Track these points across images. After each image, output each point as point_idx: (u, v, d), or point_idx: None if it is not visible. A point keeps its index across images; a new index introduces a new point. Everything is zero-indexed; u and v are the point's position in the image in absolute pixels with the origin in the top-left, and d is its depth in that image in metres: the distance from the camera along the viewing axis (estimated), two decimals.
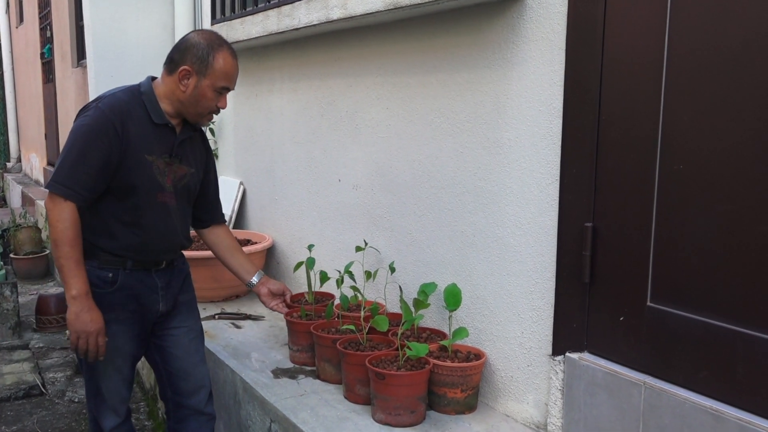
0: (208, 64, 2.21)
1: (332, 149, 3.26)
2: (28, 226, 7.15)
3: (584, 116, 2.02)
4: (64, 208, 2.16)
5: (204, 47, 2.22)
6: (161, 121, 2.28)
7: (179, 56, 2.25)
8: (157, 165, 2.27)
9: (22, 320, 5.24)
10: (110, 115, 2.18)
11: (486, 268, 2.42)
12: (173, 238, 2.37)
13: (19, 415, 3.86)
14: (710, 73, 1.73)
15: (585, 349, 2.10)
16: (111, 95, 2.25)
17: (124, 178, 2.21)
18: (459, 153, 2.50)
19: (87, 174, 2.16)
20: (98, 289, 2.26)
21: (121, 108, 2.21)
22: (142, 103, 2.26)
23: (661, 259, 1.87)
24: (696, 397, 1.77)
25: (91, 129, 2.17)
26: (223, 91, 2.28)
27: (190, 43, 2.25)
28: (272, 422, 2.47)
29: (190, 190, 2.41)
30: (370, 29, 2.92)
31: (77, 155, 2.17)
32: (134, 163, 2.21)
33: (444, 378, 2.33)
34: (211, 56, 2.21)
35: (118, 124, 2.18)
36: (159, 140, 2.28)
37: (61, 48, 7.56)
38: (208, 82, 2.23)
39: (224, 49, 2.26)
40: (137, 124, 2.22)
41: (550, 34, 2.11)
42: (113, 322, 2.29)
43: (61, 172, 2.17)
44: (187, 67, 2.22)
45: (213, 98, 2.26)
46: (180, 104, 2.28)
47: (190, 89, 2.24)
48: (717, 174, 1.73)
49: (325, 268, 3.11)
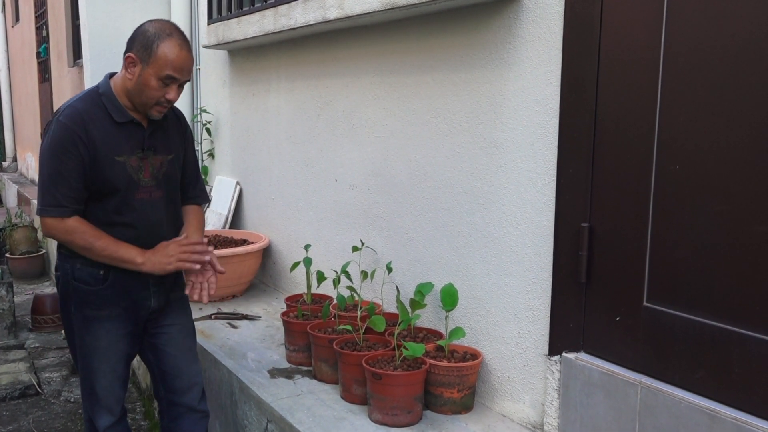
0: (151, 52, 2.16)
1: (329, 149, 3.26)
2: (23, 226, 7.13)
3: (581, 116, 2.02)
4: (67, 224, 2.20)
5: (151, 35, 2.17)
6: (124, 119, 2.25)
7: (129, 44, 2.23)
8: (130, 164, 2.25)
9: (17, 320, 5.23)
10: (71, 125, 2.17)
11: (483, 268, 2.42)
12: (160, 231, 2.35)
13: (14, 415, 3.86)
14: (706, 73, 1.74)
15: (581, 349, 2.10)
16: (68, 106, 2.23)
17: (97, 182, 2.21)
18: (456, 153, 2.50)
19: (69, 188, 2.18)
20: (90, 286, 2.28)
21: (81, 116, 2.19)
22: (102, 104, 2.24)
23: (657, 259, 1.87)
24: (692, 397, 1.77)
25: (57, 144, 2.17)
26: (168, 81, 2.20)
27: (140, 31, 2.22)
28: (269, 422, 2.47)
29: (172, 176, 2.39)
30: (367, 29, 2.92)
31: (54, 174, 2.18)
32: (104, 166, 2.20)
33: (440, 378, 2.33)
34: (155, 44, 2.16)
35: (81, 132, 2.17)
36: (127, 139, 2.26)
37: (57, 47, 7.54)
38: (151, 70, 2.17)
39: (172, 38, 2.19)
40: (100, 127, 2.20)
41: (547, 34, 2.11)
42: (106, 319, 2.30)
43: (47, 196, 2.19)
44: (132, 55, 2.19)
45: (157, 88, 2.19)
46: (129, 94, 2.24)
47: (135, 77, 2.20)
48: (713, 174, 1.74)
49: (321, 268, 3.11)
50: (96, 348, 2.32)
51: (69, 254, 2.31)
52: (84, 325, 2.32)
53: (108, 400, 2.38)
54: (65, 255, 2.33)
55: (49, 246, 7.07)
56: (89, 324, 2.31)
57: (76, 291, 2.30)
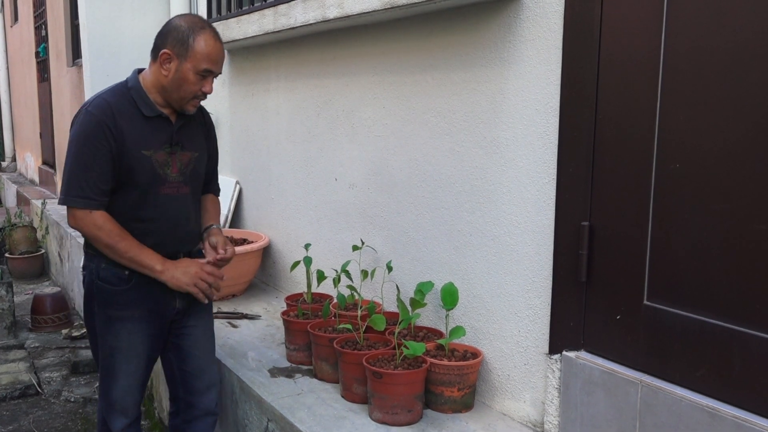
0: (188, 47, 2.16)
1: (328, 148, 3.26)
2: (23, 226, 7.13)
3: (581, 115, 2.02)
4: (94, 218, 2.18)
5: (185, 29, 2.18)
6: (153, 114, 2.25)
7: (161, 41, 2.22)
8: (156, 158, 2.25)
9: (17, 320, 5.23)
10: (100, 115, 2.17)
11: (483, 267, 2.42)
12: (187, 227, 2.36)
13: (14, 415, 3.86)
14: (706, 72, 1.74)
15: (582, 347, 2.10)
16: (97, 97, 2.23)
17: (123, 176, 2.20)
18: (455, 152, 2.50)
19: (97, 179, 2.17)
20: (114, 286, 2.27)
21: (110, 107, 2.19)
22: (131, 98, 2.24)
23: (657, 258, 1.87)
24: (692, 395, 1.77)
25: (87, 134, 2.16)
26: (206, 74, 2.22)
27: (172, 27, 2.21)
28: (269, 421, 2.47)
29: (199, 173, 2.41)
30: (367, 28, 2.92)
31: (83, 164, 2.16)
32: (131, 160, 2.20)
33: (441, 377, 2.33)
34: (191, 38, 2.17)
35: (110, 123, 2.16)
36: (154, 133, 2.26)
37: (56, 47, 7.54)
38: (189, 65, 2.18)
39: (206, 31, 2.20)
40: (128, 121, 2.21)
41: (547, 33, 2.11)
42: (128, 319, 2.29)
43: (74, 186, 2.17)
44: (168, 51, 2.18)
45: (195, 82, 2.21)
46: (164, 90, 2.24)
47: (171, 73, 2.20)
48: (713, 173, 1.74)
49: (321, 267, 3.11)
50: (117, 348, 2.31)
51: (95, 253, 2.29)
52: (106, 325, 2.30)
53: (125, 402, 2.36)
54: (91, 254, 2.32)
55: (48, 246, 7.06)
56: (111, 324, 2.29)
57: (100, 291, 2.29)
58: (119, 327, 2.29)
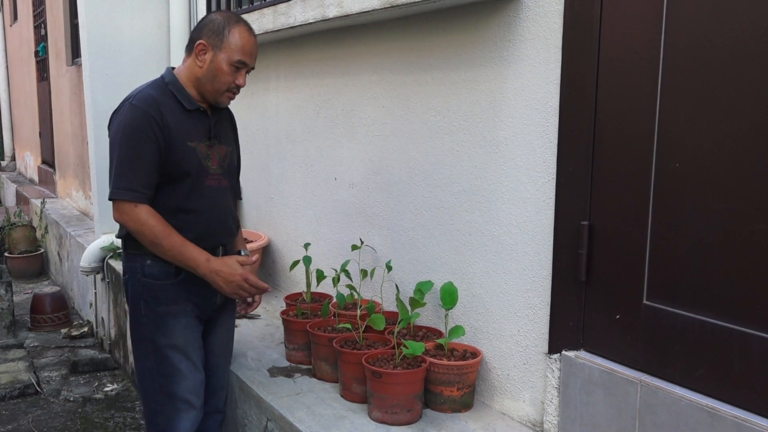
0: (223, 38, 2.19)
1: (328, 148, 3.26)
2: (22, 225, 7.13)
3: (580, 114, 2.02)
4: (139, 213, 2.16)
5: (220, 22, 2.22)
6: (193, 107, 2.26)
7: (196, 33, 2.25)
8: (200, 149, 2.26)
9: (16, 319, 5.23)
10: (147, 108, 2.16)
11: (482, 266, 2.42)
12: (227, 219, 2.37)
13: (14, 415, 3.85)
14: (706, 72, 1.74)
15: (581, 347, 2.10)
16: (140, 92, 2.24)
17: (171, 168, 2.20)
18: (455, 151, 2.50)
19: (144, 172, 2.16)
20: (161, 281, 2.25)
21: (155, 100, 2.19)
22: (171, 92, 2.25)
23: (657, 258, 1.87)
24: (692, 394, 1.77)
25: (132, 127, 2.15)
26: (240, 66, 2.24)
27: (207, 20, 2.26)
28: (269, 421, 2.47)
29: (233, 167, 2.43)
30: (366, 27, 2.91)
31: (130, 156, 2.15)
32: (178, 152, 2.20)
33: (440, 376, 2.33)
34: (227, 29, 2.20)
35: (156, 115, 2.16)
36: (195, 126, 2.27)
37: (56, 46, 7.53)
38: (224, 55, 2.20)
39: (241, 24, 2.24)
40: (172, 113, 2.21)
41: (547, 33, 2.11)
42: (181, 314, 2.27)
43: (121, 179, 2.15)
44: (203, 42, 2.21)
45: (229, 73, 2.23)
46: (198, 82, 2.25)
47: (206, 64, 2.22)
48: (713, 172, 1.74)
49: (321, 266, 3.11)
50: (173, 347, 2.26)
51: (137, 252, 2.26)
52: (156, 325, 2.26)
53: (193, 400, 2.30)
54: (133, 254, 2.29)
55: (47, 245, 7.06)
56: (163, 322, 2.26)
57: (147, 288, 2.26)
58: (172, 324, 2.26)
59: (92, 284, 5.03)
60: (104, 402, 4.02)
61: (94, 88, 4.83)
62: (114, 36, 4.87)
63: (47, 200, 7.37)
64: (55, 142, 8.02)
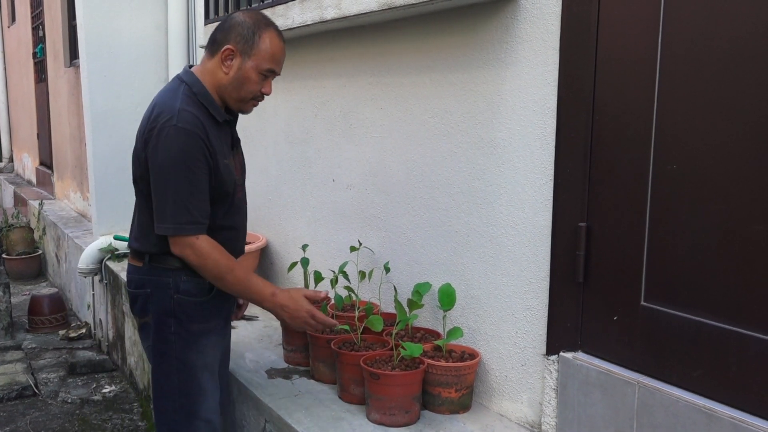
0: (253, 44, 2.06)
1: (326, 149, 3.26)
2: (20, 227, 7.13)
3: (578, 116, 2.03)
4: (202, 245, 2.04)
5: (249, 26, 2.07)
6: (223, 118, 2.14)
7: (222, 36, 2.09)
8: (231, 164, 2.17)
9: (14, 321, 5.23)
10: (195, 130, 2.01)
11: (480, 267, 2.42)
12: (246, 230, 2.34)
13: (12, 416, 3.85)
14: (703, 73, 1.74)
15: (579, 348, 2.10)
16: (179, 110, 2.02)
17: (215, 189, 2.10)
18: (453, 153, 2.50)
19: (203, 199, 2.05)
20: (196, 298, 2.14)
21: (198, 119, 2.04)
22: (202, 105, 2.09)
23: (654, 259, 1.88)
24: (689, 396, 1.77)
25: (187, 153, 2.00)
26: (268, 75, 2.12)
27: (235, 22, 2.09)
28: (267, 422, 2.47)
29: (245, 172, 2.36)
30: (364, 29, 2.92)
31: (188, 185, 2.00)
32: (220, 172, 2.09)
33: (438, 378, 2.33)
34: (257, 35, 2.06)
35: (204, 136, 2.03)
36: (225, 139, 2.16)
37: (54, 47, 7.53)
38: (253, 63, 2.07)
39: (271, 29, 2.11)
40: (210, 131, 2.07)
41: (544, 34, 2.12)
42: (213, 332, 2.20)
43: (182, 213, 2.01)
44: (231, 47, 2.07)
45: (257, 81, 2.10)
46: (222, 89, 2.12)
47: (233, 71, 2.08)
48: (710, 173, 1.74)
49: (319, 268, 3.11)
50: (203, 366, 2.18)
51: (170, 267, 2.13)
52: (188, 343, 2.16)
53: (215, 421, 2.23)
54: (163, 269, 2.14)
55: (45, 247, 7.06)
56: (196, 340, 2.16)
57: (181, 305, 2.14)
58: (204, 342, 2.18)
59: (90, 286, 5.03)
60: (102, 404, 4.02)
61: (92, 90, 4.83)
62: (112, 37, 4.87)
63: (45, 202, 7.37)
64: (53, 144, 8.01)
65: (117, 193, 4.85)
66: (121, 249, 4.56)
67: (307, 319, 2.20)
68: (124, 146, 4.76)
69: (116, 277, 4.33)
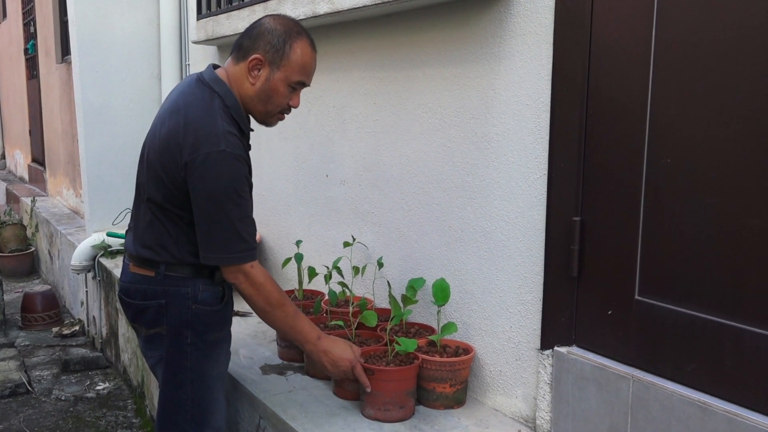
0: (283, 54, 1.94)
1: (319, 144, 3.25)
2: (13, 224, 7.10)
3: (572, 110, 2.02)
4: (257, 275, 2.00)
5: (280, 34, 1.95)
6: (248, 131, 2.06)
7: (250, 42, 1.98)
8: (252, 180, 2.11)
9: (7, 318, 5.21)
10: (242, 154, 1.95)
11: (474, 262, 2.42)
12: None
13: (5, 414, 3.84)
14: (698, 67, 1.74)
15: (573, 343, 2.10)
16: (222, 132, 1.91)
17: None
18: (446, 148, 2.50)
19: (250, 222, 1.99)
20: (211, 306, 2.08)
21: (239, 140, 1.95)
22: (234, 120, 1.97)
23: (649, 253, 1.88)
24: (684, 389, 1.77)
25: (238, 179, 1.93)
26: (297, 87, 2.01)
27: (264, 29, 1.97)
28: (261, 418, 2.46)
29: None
30: (357, 24, 2.91)
31: (241, 213, 1.95)
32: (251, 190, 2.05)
33: (433, 373, 2.33)
34: (288, 45, 1.94)
35: (247, 158, 1.98)
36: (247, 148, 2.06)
37: (45, 43, 7.50)
38: (282, 74, 1.96)
39: (303, 38, 1.98)
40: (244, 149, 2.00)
41: (538, 29, 2.11)
42: (225, 340, 2.18)
43: (239, 239, 1.94)
44: (259, 56, 1.95)
45: (285, 94, 1.99)
46: (248, 100, 2.01)
47: (260, 82, 1.97)
48: (705, 167, 1.74)
49: (313, 263, 3.11)
50: (217, 375, 2.16)
51: (188, 276, 2.05)
52: (204, 353, 2.10)
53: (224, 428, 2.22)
54: (181, 278, 2.05)
55: (38, 244, 7.03)
56: (211, 349, 2.12)
57: (198, 315, 2.07)
58: (219, 351, 2.14)
59: (83, 283, 5.02)
60: (96, 401, 4.01)
61: (84, 86, 4.81)
62: (104, 33, 4.85)
63: (38, 198, 7.34)
64: (45, 140, 7.98)
65: (110, 190, 4.82)
66: (114, 246, 4.54)
67: (348, 370, 2.18)
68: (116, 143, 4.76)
69: (109, 273, 4.31)
